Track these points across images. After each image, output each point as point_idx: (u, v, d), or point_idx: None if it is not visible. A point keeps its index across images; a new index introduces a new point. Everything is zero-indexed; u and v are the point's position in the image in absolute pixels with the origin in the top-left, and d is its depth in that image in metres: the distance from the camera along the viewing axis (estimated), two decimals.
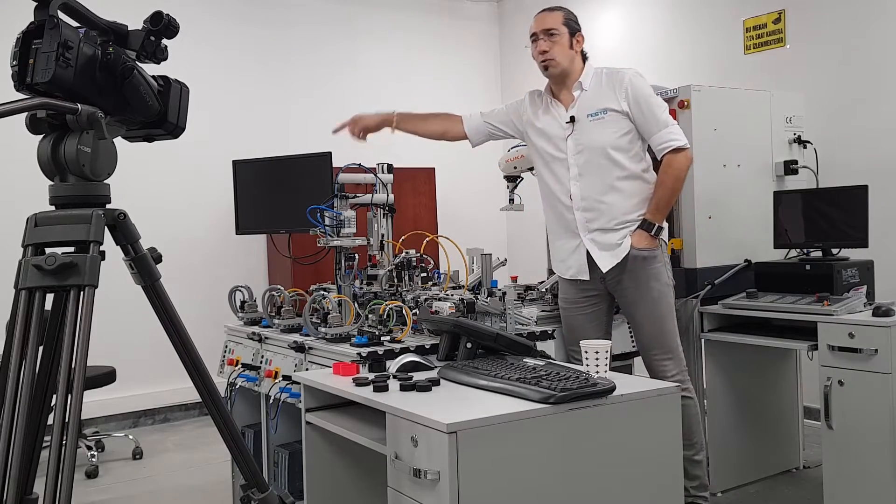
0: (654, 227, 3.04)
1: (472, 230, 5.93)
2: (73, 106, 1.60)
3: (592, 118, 3.05)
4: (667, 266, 3.12)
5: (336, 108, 6.35)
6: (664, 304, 3.09)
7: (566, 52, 3.09)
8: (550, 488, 1.91)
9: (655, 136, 3.03)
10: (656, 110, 3.02)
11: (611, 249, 3.06)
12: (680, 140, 3.02)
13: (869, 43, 4.45)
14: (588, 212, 3.07)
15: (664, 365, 3.09)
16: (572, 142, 3.08)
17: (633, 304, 3.10)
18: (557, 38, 3.08)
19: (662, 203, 3.05)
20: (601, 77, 3.10)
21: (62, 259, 1.57)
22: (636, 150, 3.07)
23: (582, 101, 3.09)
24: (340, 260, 3.07)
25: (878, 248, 3.46)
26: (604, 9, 6.12)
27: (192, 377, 1.87)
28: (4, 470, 1.48)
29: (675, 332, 3.14)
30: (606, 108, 3.04)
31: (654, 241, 3.06)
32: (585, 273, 3.12)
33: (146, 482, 4.31)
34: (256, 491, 1.98)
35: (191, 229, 5.75)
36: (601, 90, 3.07)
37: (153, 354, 4.50)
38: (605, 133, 3.03)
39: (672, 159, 3.02)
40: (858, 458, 3.04)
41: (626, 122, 3.04)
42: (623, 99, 3.02)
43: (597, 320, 3.17)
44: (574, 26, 3.13)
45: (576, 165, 3.07)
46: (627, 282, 3.06)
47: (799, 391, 3.98)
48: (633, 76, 3.04)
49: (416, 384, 2.16)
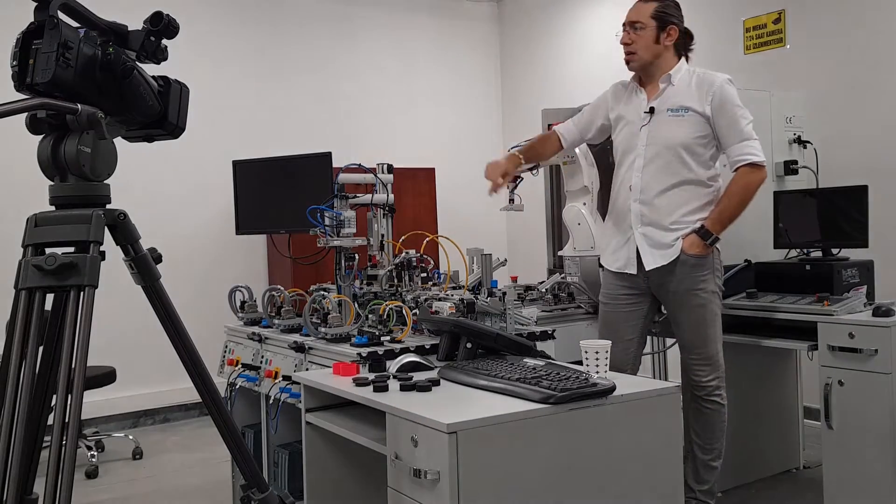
0: (711, 236, 2.97)
1: (472, 230, 5.93)
2: (73, 106, 1.60)
3: (672, 114, 3.01)
4: (716, 274, 3.05)
5: (336, 107, 6.39)
6: (708, 311, 3.03)
7: (650, 46, 3.03)
8: (550, 488, 1.91)
9: (734, 147, 2.97)
10: (740, 121, 2.96)
11: (661, 249, 3.02)
12: (758, 156, 2.96)
13: (869, 43, 4.46)
14: (645, 205, 3.04)
15: (701, 369, 3.07)
16: (646, 133, 3.04)
17: (676, 308, 3.07)
18: (642, 32, 3.03)
19: (726, 214, 2.98)
20: (692, 76, 3.04)
21: (62, 259, 1.57)
22: (708, 156, 3.02)
23: (666, 94, 3.04)
24: (340, 260, 3.07)
25: (878, 248, 3.46)
26: (604, 8, 6.12)
27: (192, 377, 1.87)
28: (4, 470, 1.48)
29: (717, 339, 3.08)
30: (688, 107, 2.99)
31: (708, 250, 2.99)
32: (633, 267, 3.07)
33: (146, 482, 4.31)
34: (256, 491, 1.98)
35: (191, 229, 5.75)
36: (689, 89, 3.02)
37: (153, 354, 4.50)
38: (681, 131, 2.99)
39: (746, 173, 2.96)
40: (858, 458, 3.04)
41: (706, 125, 2.98)
42: (708, 103, 2.97)
43: (634, 320, 3.13)
44: (668, 19, 3.04)
45: (644, 157, 3.03)
46: (673, 285, 3.02)
47: (799, 391, 3.98)
48: (724, 82, 2.99)
49: (416, 384, 2.16)
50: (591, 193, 3.35)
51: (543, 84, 6.79)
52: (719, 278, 3.09)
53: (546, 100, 5.65)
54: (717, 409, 3.08)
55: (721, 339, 3.12)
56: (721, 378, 3.10)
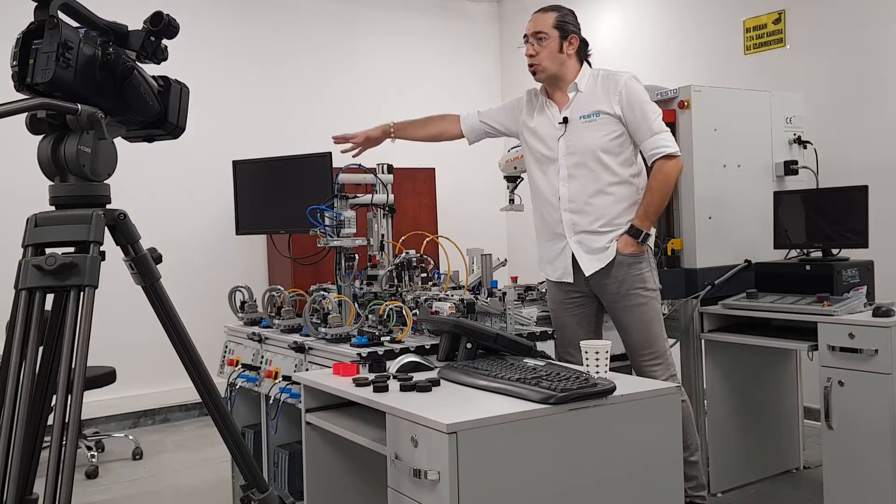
0: (642, 233, 3.01)
1: (472, 230, 5.93)
2: (73, 106, 1.60)
3: (585, 120, 3.04)
4: (653, 272, 3.10)
5: (336, 108, 6.38)
6: (650, 308, 3.07)
7: (554, 56, 3.05)
8: (550, 488, 1.91)
9: (647, 141, 3.00)
10: (649, 116, 3.00)
11: (596, 253, 3.05)
12: (671, 147, 3.00)
13: (869, 43, 4.46)
14: (575, 214, 3.06)
15: (653, 369, 3.07)
16: (564, 143, 3.07)
17: (619, 309, 3.09)
18: (546, 42, 3.04)
19: (651, 209, 3.02)
20: (597, 79, 3.07)
21: (62, 259, 1.57)
22: (627, 154, 3.05)
23: (576, 102, 3.07)
24: (340, 260, 3.07)
25: (878, 249, 3.46)
26: (604, 9, 6.12)
27: (192, 377, 1.87)
28: (4, 470, 1.48)
29: (663, 335, 3.11)
30: (599, 110, 3.02)
31: (641, 248, 3.03)
32: (570, 275, 3.12)
33: (146, 482, 4.31)
34: (256, 491, 1.98)
35: (191, 229, 5.76)
36: (596, 93, 3.05)
37: (153, 354, 4.50)
38: (597, 135, 3.01)
39: (662, 165, 2.99)
40: (858, 458, 3.04)
41: (619, 125, 3.02)
42: (616, 102, 3.00)
43: (585, 321, 3.16)
44: (568, 28, 3.06)
45: (566, 167, 3.06)
46: (612, 286, 3.05)
47: (799, 391, 3.98)
48: (628, 80, 3.02)
49: (416, 384, 2.16)
50: None
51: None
52: (656, 277, 3.12)
53: None
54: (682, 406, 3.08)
55: (665, 335, 3.13)
56: (674, 376, 3.12)
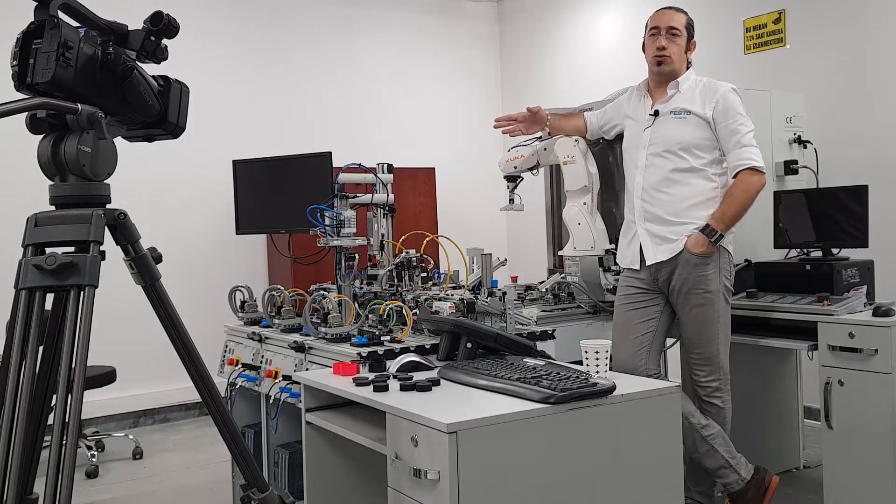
0: (716, 233, 2.97)
1: (472, 230, 5.93)
2: (73, 106, 1.60)
3: (674, 116, 3.07)
4: (722, 273, 3.03)
5: (336, 107, 6.39)
6: (710, 311, 3.02)
7: (681, 55, 3.10)
8: (550, 488, 1.91)
9: (734, 152, 3.00)
10: (741, 128, 3.00)
11: (662, 244, 3.04)
12: (757, 161, 2.98)
13: (869, 43, 4.45)
14: (647, 202, 3.08)
15: (700, 369, 3.07)
16: (649, 133, 3.10)
17: (678, 306, 3.07)
18: (677, 39, 3.08)
19: (728, 213, 2.98)
20: (698, 84, 3.10)
21: (62, 259, 1.57)
22: (709, 158, 3.04)
23: (672, 100, 3.10)
24: (340, 260, 3.07)
25: (878, 248, 3.46)
26: (604, 9, 6.11)
27: (192, 377, 1.87)
28: (4, 470, 1.48)
29: (719, 340, 3.06)
30: (690, 110, 3.04)
31: (712, 248, 2.98)
32: (637, 262, 3.11)
33: (146, 482, 4.31)
34: (256, 491, 1.98)
35: (191, 229, 5.76)
36: (693, 96, 3.07)
37: (153, 354, 4.49)
38: (683, 131, 3.04)
39: (746, 176, 2.98)
40: (858, 458, 3.04)
41: (706, 130, 3.02)
42: (711, 108, 3.01)
43: (647, 317, 3.11)
44: (692, 32, 3.15)
45: (646, 156, 3.09)
46: (676, 283, 3.03)
47: (799, 391, 3.98)
48: (728, 90, 3.04)
49: (416, 384, 2.16)
50: (590, 193, 3.35)
51: (544, 84, 6.79)
52: (728, 279, 3.07)
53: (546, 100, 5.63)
54: (716, 411, 3.08)
55: (727, 342, 3.10)
56: (722, 381, 3.09)
